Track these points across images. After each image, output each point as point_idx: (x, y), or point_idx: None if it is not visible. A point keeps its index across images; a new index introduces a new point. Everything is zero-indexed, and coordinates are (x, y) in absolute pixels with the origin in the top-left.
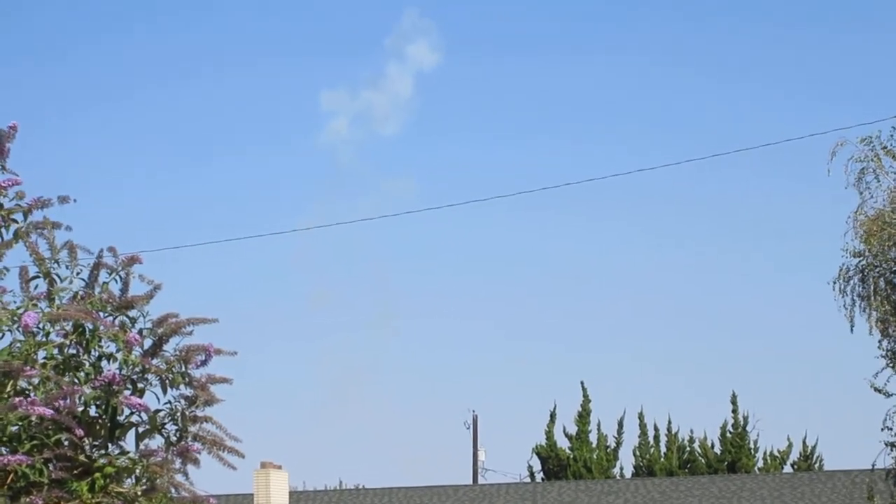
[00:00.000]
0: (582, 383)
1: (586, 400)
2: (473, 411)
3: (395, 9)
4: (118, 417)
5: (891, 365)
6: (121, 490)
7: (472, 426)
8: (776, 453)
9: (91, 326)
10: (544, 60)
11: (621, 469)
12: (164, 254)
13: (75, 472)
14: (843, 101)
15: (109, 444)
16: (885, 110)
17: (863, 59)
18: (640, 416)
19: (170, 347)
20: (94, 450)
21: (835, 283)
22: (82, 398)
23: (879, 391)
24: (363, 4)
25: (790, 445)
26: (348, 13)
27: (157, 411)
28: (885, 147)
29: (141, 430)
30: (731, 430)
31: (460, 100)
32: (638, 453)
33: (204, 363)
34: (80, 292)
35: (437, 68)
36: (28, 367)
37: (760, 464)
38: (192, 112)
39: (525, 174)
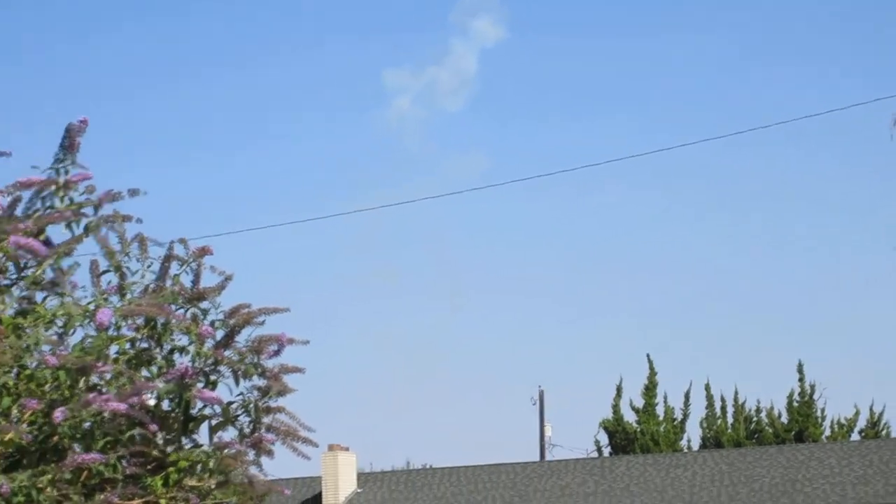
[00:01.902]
0: (648, 356)
1: (652, 373)
2: (539, 387)
3: None
4: (191, 411)
5: None
6: (195, 484)
7: (538, 402)
8: (843, 421)
9: (163, 320)
10: (606, 36)
11: (689, 441)
12: (227, 238)
13: (149, 467)
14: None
15: (183, 438)
16: None
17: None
18: (707, 388)
19: (242, 338)
20: (167, 444)
21: None
22: (155, 392)
23: None
24: None
25: (857, 413)
26: None
27: (230, 403)
28: None
29: (214, 422)
30: (798, 399)
31: (525, 74)
32: (705, 425)
33: (277, 353)
34: (152, 285)
35: (500, 43)
36: (101, 363)
37: (828, 432)
38: (258, 91)
39: (590, 149)
